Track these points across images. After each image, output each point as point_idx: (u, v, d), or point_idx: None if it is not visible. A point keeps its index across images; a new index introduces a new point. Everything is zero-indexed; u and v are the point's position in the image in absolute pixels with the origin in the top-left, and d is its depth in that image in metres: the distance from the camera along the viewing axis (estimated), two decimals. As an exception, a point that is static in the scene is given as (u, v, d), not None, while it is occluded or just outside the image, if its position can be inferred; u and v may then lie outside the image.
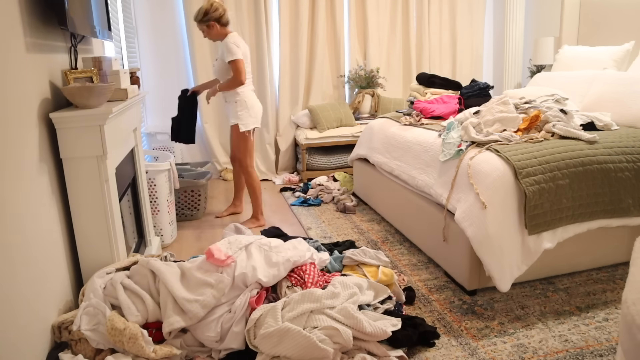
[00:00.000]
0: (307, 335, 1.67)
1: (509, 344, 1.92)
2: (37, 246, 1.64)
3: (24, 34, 1.70)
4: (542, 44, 4.33)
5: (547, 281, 2.40)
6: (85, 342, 1.71)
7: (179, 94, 3.44)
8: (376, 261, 2.26)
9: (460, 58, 5.34)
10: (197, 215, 3.60)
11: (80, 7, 2.01)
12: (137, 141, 2.63)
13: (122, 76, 2.27)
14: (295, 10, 4.68)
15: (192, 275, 1.90)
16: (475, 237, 2.13)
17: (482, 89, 3.32)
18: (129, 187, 2.53)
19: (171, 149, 4.31)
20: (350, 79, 4.97)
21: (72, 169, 1.88)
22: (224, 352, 1.79)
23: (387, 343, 1.84)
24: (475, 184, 2.21)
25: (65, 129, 1.82)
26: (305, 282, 1.96)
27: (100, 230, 1.95)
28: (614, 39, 3.72)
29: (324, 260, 2.22)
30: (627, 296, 1.15)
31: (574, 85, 3.30)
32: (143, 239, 2.74)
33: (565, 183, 2.20)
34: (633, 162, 2.33)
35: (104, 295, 1.84)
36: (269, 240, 2.13)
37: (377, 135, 3.48)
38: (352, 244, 2.79)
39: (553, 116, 2.53)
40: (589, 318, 2.07)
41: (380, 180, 3.36)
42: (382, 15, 4.99)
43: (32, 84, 1.74)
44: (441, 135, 2.68)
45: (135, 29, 4.42)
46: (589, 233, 2.38)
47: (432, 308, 2.21)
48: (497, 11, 5.38)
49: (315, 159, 4.60)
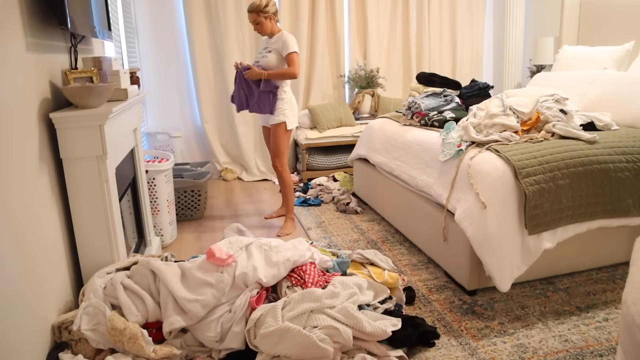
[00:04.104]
0: (307, 334, 1.67)
1: (509, 344, 1.92)
2: (37, 246, 1.64)
3: (24, 34, 1.70)
4: (542, 44, 4.33)
5: (547, 281, 2.40)
6: (85, 342, 1.71)
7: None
8: (385, 264, 2.27)
9: (460, 58, 5.34)
10: (197, 215, 3.59)
11: (80, 7, 2.01)
12: (137, 141, 2.63)
13: (122, 76, 2.27)
14: (295, 10, 4.68)
15: (192, 275, 1.90)
16: (475, 237, 2.13)
17: (482, 89, 3.32)
18: (129, 187, 2.53)
19: (171, 149, 4.31)
20: (350, 79, 4.97)
21: (72, 169, 1.88)
22: (224, 352, 1.79)
23: (387, 343, 1.85)
24: (475, 184, 2.21)
25: (65, 129, 1.82)
26: (306, 282, 1.96)
27: (100, 231, 1.95)
28: (614, 39, 3.72)
29: (324, 261, 2.22)
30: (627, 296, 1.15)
31: (574, 85, 3.30)
32: (143, 239, 2.74)
33: (565, 183, 2.20)
34: (633, 162, 2.33)
35: (104, 295, 1.84)
36: (269, 240, 2.13)
37: (377, 135, 3.48)
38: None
39: (553, 116, 2.53)
40: (589, 318, 2.07)
41: (380, 180, 3.36)
42: (382, 15, 4.99)
43: (32, 84, 1.74)
44: (441, 135, 2.68)
45: (135, 29, 4.42)
46: (589, 233, 2.38)
47: (432, 308, 2.21)
48: (497, 11, 5.38)
49: (315, 159, 4.60)
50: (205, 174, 3.69)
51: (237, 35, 4.55)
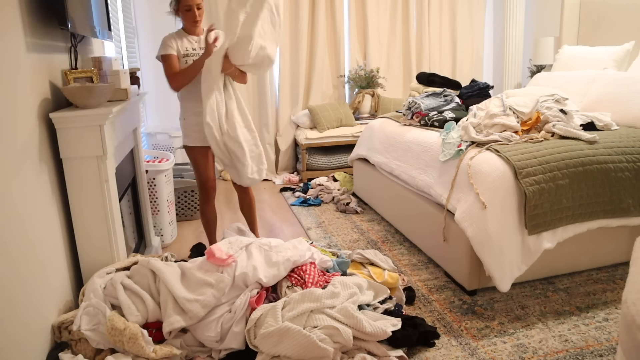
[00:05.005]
0: (307, 334, 1.67)
1: (509, 344, 1.92)
2: (37, 246, 1.64)
3: (24, 34, 1.69)
4: (542, 44, 4.32)
5: (547, 281, 2.40)
6: (85, 342, 1.71)
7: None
8: (385, 264, 2.27)
9: (460, 58, 5.34)
10: (197, 215, 3.59)
11: (80, 7, 2.01)
12: (137, 141, 2.63)
13: (122, 76, 2.27)
14: (295, 10, 4.68)
15: (192, 275, 1.90)
16: (475, 237, 2.13)
17: (482, 89, 3.32)
18: (129, 187, 2.53)
19: (171, 149, 4.31)
20: (350, 79, 4.97)
21: (72, 169, 1.88)
22: (224, 352, 1.79)
23: (387, 343, 1.84)
24: (475, 184, 2.21)
25: (65, 129, 1.82)
26: (306, 282, 1.96)
27: (100, 231, 1.94)
28: (614, 39, 3.71)
29: (324, 261, 2.22)
30: (627, 296, 1.15)
31: (574, 85, 3.30)
32: (143, 239, 2.74)
33: (565, 183, 2.20)
34: (633, 162, 2.33)
35: (104, 295, 1.84)
36: (268, 240, 2.13)
37: (377, 135, 3.48)
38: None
39: (553, 116, 2.53)
40: (589, 318, 2.07)
41: (380, 181, 3.36)
42: (382, 15, 4.99)
43: (32, 84, 1.74)
44: (441, 135, 2.68)
45: (135, 29, 4.42)
46: (589, 233, 2.38)
47: (432, 308, 2.21)
48: (497, 11, 5.38)
49: (315, 159, 4.60)
50: (205, 174, 3.69)
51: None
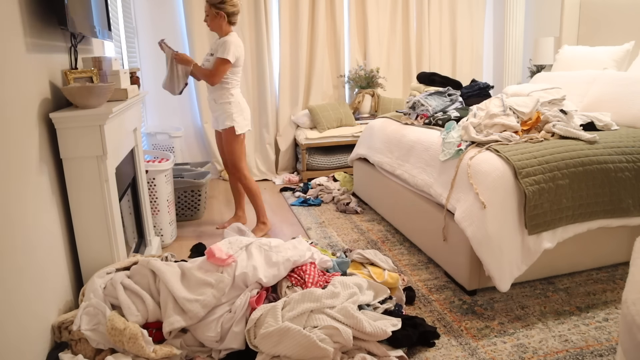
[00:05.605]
0: (307, 334, 1.67)
1: (509, 344, 1.92)
2: (37, 246, 1.64)
3: (24, 34, 1.69)
4: (542, 44, 4.32)
5: (547, 281, 2.40)
6: (85, 342, 1.71)
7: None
8: (385, 264, 2.27)
9: (460, 58, 5.34)
10: (197, 215, 3.59)
11: (80, 7, 2.01)
12: (137, 141, 2.63)
13: (122, 76, 2.27)
14: (295, 10, 4.68)
15: (192, 275, 1.90)
16: (475, 237, 2.13)
17: (482, 89, 3.32)
18: (129, 187, 2.53)
19: (171, 149, 4.31)
20: (350, 79, 4.97)
21: (72, 169, 1.88)
22: (224, 352, 1.79)
23: (387, 343, 1.85)
24: (475, 183, 2.21)
25: (65, 129, 1.82)
26: (306, 282, 1.96)
27: (100, 230, 1.95)
28: (614, 39, 3.72)
29: (324, 261, 2.22)
30: (627, 296, 1.15)
31: (574, 85, 3.30)
32: (143, 239, 2.74)
33: (565, 183, 2.20)
34: (633, 162, 2.33)
35: (104, 295, 1.84)
36: (268, 240, 2.13)
37: (377, 135, 3.48)
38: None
39: (553, 116, 2.53)
40: (589, 318, 2.07)
41: (381, 180, 3.36)
42: (382, 15, 4.99)
43: (32, 84, 1.74)
44: (441, 135, 2.68)
45: (135, 29, 4.42)
46: (589, 233, 2.38)
47: (432, 308, 2.21)
48: (497, 11, 5.38)
49: (315, 159, 4.60)
50: (205, 174, 3.69)
51: (237, 35, 4.54)
